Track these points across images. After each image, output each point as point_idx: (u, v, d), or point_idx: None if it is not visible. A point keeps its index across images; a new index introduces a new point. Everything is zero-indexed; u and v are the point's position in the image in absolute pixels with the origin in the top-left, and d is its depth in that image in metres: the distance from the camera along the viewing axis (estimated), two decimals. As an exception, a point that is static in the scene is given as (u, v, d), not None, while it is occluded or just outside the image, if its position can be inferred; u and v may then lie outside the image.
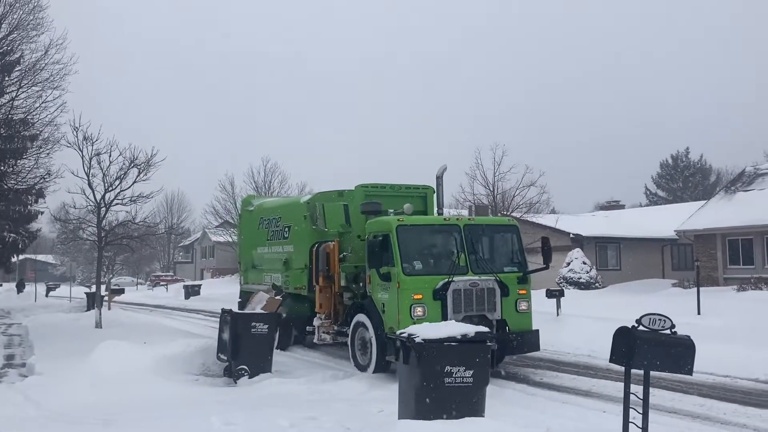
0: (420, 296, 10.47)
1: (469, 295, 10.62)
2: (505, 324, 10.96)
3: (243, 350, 10.85)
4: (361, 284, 11.91)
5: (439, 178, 12.66)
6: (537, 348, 11.35)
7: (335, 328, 12.55)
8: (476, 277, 10.78)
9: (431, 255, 11.37)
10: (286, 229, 14.75)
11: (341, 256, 12.41)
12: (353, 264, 12.25)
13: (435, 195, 13.13)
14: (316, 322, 12.86)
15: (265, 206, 16.66)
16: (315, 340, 13.03)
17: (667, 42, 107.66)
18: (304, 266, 13.64)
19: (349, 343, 11.80)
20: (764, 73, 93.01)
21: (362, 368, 11.29)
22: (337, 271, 12.36)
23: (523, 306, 11.20)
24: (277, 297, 12.25)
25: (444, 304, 10.48)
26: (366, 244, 11.53)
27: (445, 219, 11.75)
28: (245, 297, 15.46)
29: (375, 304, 11.11)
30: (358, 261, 12.11)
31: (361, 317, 11.46)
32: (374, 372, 10.84)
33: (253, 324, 11.00)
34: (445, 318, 10.20)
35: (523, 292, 11.27)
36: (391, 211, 11.95)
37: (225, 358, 11.11)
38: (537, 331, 11.32)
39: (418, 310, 10.39)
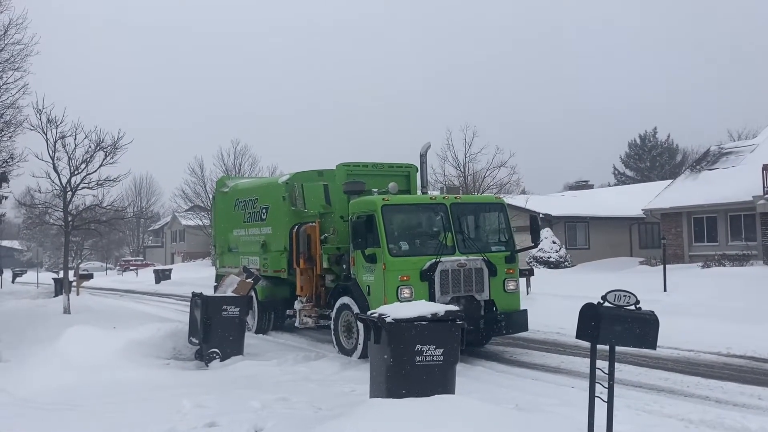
0: (407, 277, 10.26)
1: (456, 275, 10.43)
2: (493, 304, 10.79)
3: (214, 333, 10.78)
4: (344, 266, 11.57)
5: (423, 156, 12.28)
6: (525, 328, 11.22)
7: (317, 311, 12.29)
8: (464, 257, 10.56)
9: (417, 235, 11.17)
10: (264, 210, 14.43)
11: (322, 237, 12.13)
12: (335, 245, 11.89)
13: (418, 173, 12.73)
14: (297, 305, 12.59)
15: (240, 187, 16.23)
16: (297, 324, 12.74)
17: (637, 22, 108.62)
18: (284, 248, 13.37)
19: (332, 326, 11.54)
20: (730, 56, 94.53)
21: (347, 353, 11.01)
22: (319, 252, 12.11)
23: (511, 285, 11.05)
24: (248, 280, 12.12)
25: (431, 285, 10.29)
26: (350, 224, 11.18)
27: (431, 198, 11.53)
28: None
29: (360, 287, 10.87)
30: (341, 242, 11.76)
31: (345, 300, 11.19)
32: (360, 357, 10.44)
33: (224, 307, 10.92)
34: (432, 299, 9.97)
35: (511, 271, 11.10)
36: (375, 190, 11.66)
37: (196, 341, 11.04)
38: (525, 311, 11.21)
39: (405, 292, 10.17)
